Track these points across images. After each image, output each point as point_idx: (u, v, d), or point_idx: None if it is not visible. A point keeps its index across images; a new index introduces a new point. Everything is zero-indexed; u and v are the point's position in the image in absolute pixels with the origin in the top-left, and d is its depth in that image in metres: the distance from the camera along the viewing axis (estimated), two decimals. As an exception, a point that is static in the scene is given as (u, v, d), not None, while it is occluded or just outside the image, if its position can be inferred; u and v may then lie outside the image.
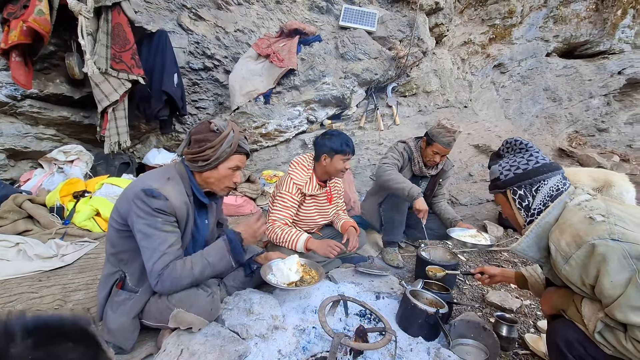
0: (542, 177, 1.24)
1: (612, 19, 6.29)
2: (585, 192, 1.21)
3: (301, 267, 1.84)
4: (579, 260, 1.04)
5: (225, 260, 1.50)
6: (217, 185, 1.57)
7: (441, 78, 4.92)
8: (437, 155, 2.62)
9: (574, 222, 1.09)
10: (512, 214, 1.34)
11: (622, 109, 7.37)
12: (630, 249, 0.95)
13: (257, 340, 1.57)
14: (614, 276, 0.96)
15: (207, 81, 4.10)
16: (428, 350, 1.59)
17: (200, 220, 1.66)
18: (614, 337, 1.03)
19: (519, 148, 1.33)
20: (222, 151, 1.47)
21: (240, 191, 3.51)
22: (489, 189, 1.46)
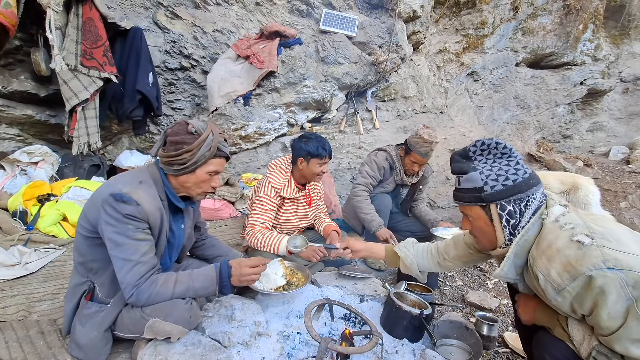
0: (532, 191, 1.08)
1: (574, 32, 6.71)
2: (556, 203, 1.09)
3: (287, 269, 1.80)
4: (573, 292, 0.95)
5: (211, 289, 1.44)
6: (194, 190, 1.49)
7: (419, 84, 5.04)
8: (415, 165, 2.67)
9: (560, 248, 0.98)
10: (489, 231, 1.15)
11: (583, 117, 7.86)
12: (626, 278, 0.87)
13: (239, 348, 1.51)
14: (611, 307, 0.89)
15: (184, 81, 3.98)
16: (413, 352, 1.59)
17: (176, 225, 1.57)
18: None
19: (500, 152, 1.12)
20: (200, 155, 1.39)
21: (219, 194, 3.41)
22: (460, 198, 1.19)
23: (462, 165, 1.18)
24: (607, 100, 8.03)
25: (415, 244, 1.67)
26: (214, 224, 3.29)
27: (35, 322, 1.67)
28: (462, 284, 2.51)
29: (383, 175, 2.81)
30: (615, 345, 0.92)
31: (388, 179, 2.82)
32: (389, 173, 2.80)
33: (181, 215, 1.62)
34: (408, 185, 2.90)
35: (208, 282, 1.42)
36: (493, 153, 1.13)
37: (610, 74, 7.77)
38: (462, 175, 1.17)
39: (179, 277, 1.40)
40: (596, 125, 7.92)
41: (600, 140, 7.75)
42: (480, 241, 1.24)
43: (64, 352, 1.47)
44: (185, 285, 1.39)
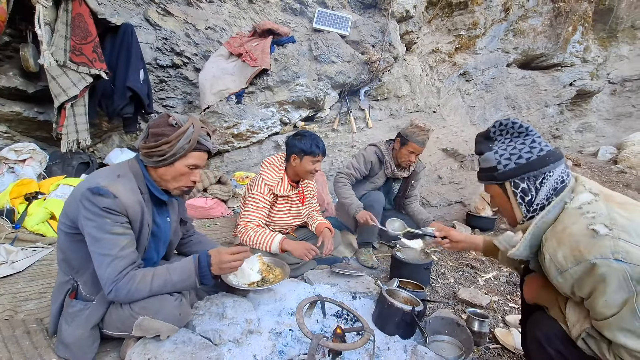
0: (547, 168, 1.08)
1: (564, 34, 6.81)
2: (586, 191, 1.06)
3: (264, 265, 1.77)
4: (575, 275, 0.96)
5: (191, 281, 1.40)
6: (172, 183, 1.46)
7: (411, 83, 5.06)
8: (413, 155, 2.69)
9: (574, 233, 0.97)
10: (509, 208, 1.17)
11: (573, 117, 7.98)
12: (632, 271, 0.87)
13: (230, 345, 1.50)
14: (610, 296, 0.90)
15: (176, 79, 3.94)
16: (405, 348, 1.60)
17: (161, 218, 1.56)
18: (597, 347, 1.00)
19: (517, 132, 1.14)
20: (179, 147, 1.37)
21: (211, 193, 3.39)
22: (479, 178, 1.25)
23: (481, 147, 1.22)
24: (596, 101, 8.17)
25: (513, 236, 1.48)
26: (205, 222, 3.26)
27: (21, 321, 1.63)
28: (454, 281, 2.53)
29: (371, 169, 2.82)
30: (605, 331, 0.94)
31: (377, 173, 2.83)
32: (378, 167, 2.83)
33: (166, 208, 1.60)
34: (400, 179, 2.92)
35: (186, 273, 1.39)
36: (510, 132, 1.15)
37: (599, 76, 7.90)
38: (480, 156, 1.22)
39: (157, 271, 1.37)
40: (585, 126, 8.04)
41: (589, 141, 7.87)
42: (505, 217, 1.26)
43: (50, 351, 1.44)
44: (163, 279, 1.35)
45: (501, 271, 2.73)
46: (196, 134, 1.41)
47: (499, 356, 1.73)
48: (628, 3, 8.14)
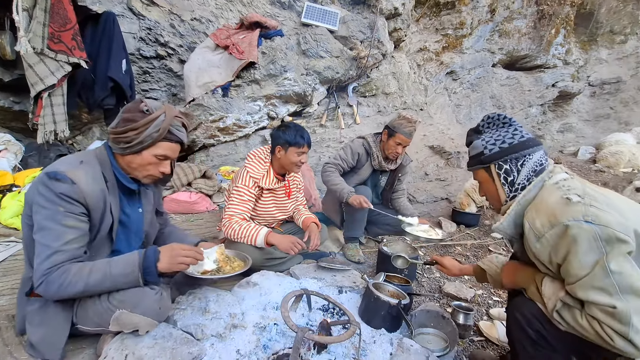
0: (527, 152, 1.20)
1: (547, 36, 6.96)
2: (562, 172, 1.19)
3: (222, 256, 1.66)
4: (550, 240, 1.04)
5: (133, 276, 1.27)
6: (139, 172, 1.40)
7: (399, 81, 5.08)
8: (400, 147, 2.68)
9: (550, 202, 1.08)
10: (494, 190, 1.28)
11: (554, 118, 8.18)
12: (601, 232, 0.95)
13: (213, 340, 1.46)
14: (582, 257, 0.97)
15: (160, 70, 3.84)
16: (391, 341, 1.59)
17: (131, 208, 1.49)
18: (570, 315, 1.04)
19: (502, 122, 1.29)
20: (147, 135, 1.31)
21: (196, 187, 3.32)
22: (468, 165, 1.38)
23: (470, 138, 1.36)
24: (577, 102, 8.40)
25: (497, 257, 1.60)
26: (190, 217, 3.19)
27: (-9, 318, 1.55)
28: (439, 276, 2.55)
29: (358, 161, 2.81)
30: (579, 292, 1.00)
31: (364, 165, 2.82)
32: (365, 158, 2.82)
33: (137, 198, 1.53)
34: (387, 171, 2.91)
35: (129, 267, 1.27)
36: (496, 124, 1.30)
37: (580, 78, 8.12)
38: (470, 146, 1.36)
39: (96, 264, 1.25)
40: (566, 126, 8.26)
41: (569, 141, 8.10)
42: (491, 202, 1.36)
43: (21, 349, 1.37)
44: (101, 273, 1.23)
45: (485, 266, 2.77)
46: (167, 123, 1.34)
47: (483, 348, 1.75)
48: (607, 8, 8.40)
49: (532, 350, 1.19)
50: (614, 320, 0.94)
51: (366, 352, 1.52)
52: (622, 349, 0.95)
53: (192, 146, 3.89)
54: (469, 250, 3.11)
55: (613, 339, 0.94)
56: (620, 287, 0.93)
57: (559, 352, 1.14)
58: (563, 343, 1.12)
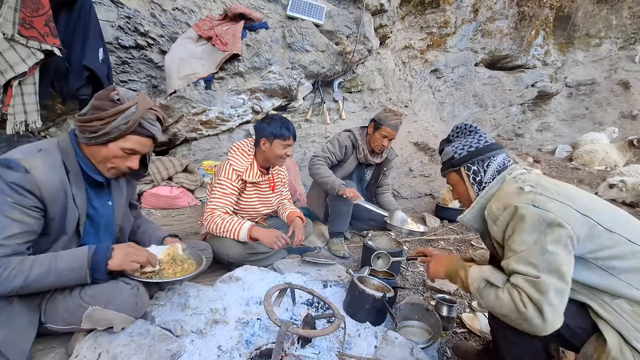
0: (492, 154, 1.35)
1: (527, 37, 7.14)
2: (521, 168, 1.33)
3: (168, 257, 1.51)
4: (504, 220, 1.16)
5: (81, 273, 1.19)
6: (102, 165, 1.32)
7: (385, 77, 5.09)
8: (386, 139, 2.68)
9: (506, 192, 1.22)
10: (465, 191, 1.40)
11: (534, 117, 8.41)
12: (545, 216, 1.07)
13: (193, 337, 1.41)
14: (525, 235, 1.08)
15: (139, 61, 3.70)
16: (375, 334, 1.58)
17: (99, 201, 1.41)
18: (492, 292, 1.14)
19: (468, 131, 1.44)
20: (113, 127, 1.23)
21: (177, 181, 3.22)
22: (441, 170, 1.52)
23: (442, 146, 1.51)
24: (554, 103, 8.67)
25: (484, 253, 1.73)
26: (171, 212, 3.10)
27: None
28: (423, 270, 2.56)
29: (344, 154, 2.79)
30: (512, 263, 1.11)
31: (349, 158, 2.80)
32: (351, 151, 2.80)
33: (107, 190, 1.46)
34: (372, 165, 2.90)
35: (76, 263, 1.19)
36: (464, 132, 1.46)
37: (557, 79, 8.38)
38: (442, 153, 1.50)
39: (40, 257, 1.17)
40: (544, 126, 8.52)
41: (547, 140, 8.35)
42: (463, 202, 1.47)
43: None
44: (46, 266, 1.15)
45: (468, 260, 2.81)
46: (138, 115, 1.26)
47: (466, 339, 1.76)
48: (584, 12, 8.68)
49: (512, 337, 1.23)
50: (534, 289, 1.03)
51: (351, 345, 1.50)
52: (531, 319, 1.02)
53: (174, 140, 3.78)
54: (451, 244, 3.15)
55: (527, 306, 1.03)
56: (549, 267, 1.04)
57: (536, 337, 1.17)
58: None
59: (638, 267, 1.08)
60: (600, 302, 1.11)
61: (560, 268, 1.03)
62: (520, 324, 1.08)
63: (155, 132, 1.35)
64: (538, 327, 1.03)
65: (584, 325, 1.14)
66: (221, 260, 2.02)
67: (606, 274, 1.09)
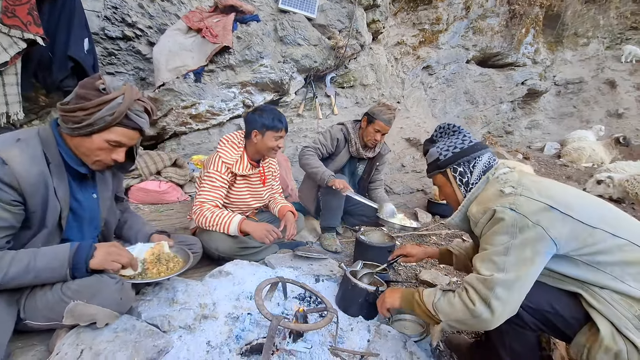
0: (477, 154, 1.33)
1: (518, 35, 7.20)
2: (505, 167, 1.31)
3: (152, 256, 1.45)
4: (484, 222, 1.18)
5: (61, 272, 1.15)
6: (87, 157, 1.26)
7: (377, 73, 5.07)
8: (378, 134, 2.64)
9: (488, 195, 1.23)
10: (452, 192, 1.38)
11: (523, 115, 8.51)
12: (520, 220, 1.09)
13: (181, 332, 1.37)
14: (498, 236, 1.12)
15: (127, 52, 3.61)
16: (368, 328, 1.56)
17: (83, 194, 1.36)
18: (446, 300, 1.20)
19: (452, 131, 1.42)
20: (98, 117, 1.18)
21: (165, 176, 3.15)
22: (427, 172, 1.49)
23: (427, 147, 1.47)
24: (543, 101, 8.79)
25: (463, 242, 1.80)
26: (159, 207, 3.03)
27: None
28: (415, 264, 2.56)
29: (336, 147, 2.75)
30: (477, 260, 1.17)
31: (341, 151, 2.76)
32: (343, 144, 2.76)
33: (91, 182, 1.40)
34: (365, 159, 2.86)
35: (56, 262, 1.14)
36: (447, 133, 1.43)
37: (547, 77, 8.49)
38: (426, 154, 1.47)
39: (20, 254, 1.12)
40: (533, 123, 8.63)
41: (536, 137, 8.46)
42: (451, 204, 1.44)
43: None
44: (24, 264, 1.10)
45: (460, 254, 2.81)
46: (125, 106, 1.21)
47: (458, 333, 1.75)
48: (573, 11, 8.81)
49: (503, 326, 1.21)
50: (483, 285, 1.10)
51: (343, 339, 1.48)
52: (480, 315, 1.09)
53: (163, 134, 3.69)
54: (443, 239, 3.16)
55: (475, 302, 1.10)
56: (507, 266, 1.09)
57: (529, 328, 1.19)
58: (534, 318, 1.17)
59: (624, 261, 1.09)
60: (591, 292, 1.11)
61: (519, 267, 1.08)
62: (473, 323, 1.14)
63: (142, 124, 1.30)
64: (487, 321, 1.10)
65: (577, 315, 1.14)
66: (211, 254, 1.97)
67: (592, 268, 1.10)
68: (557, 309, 1.15)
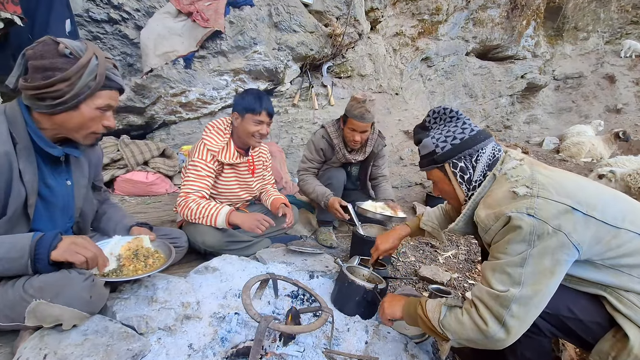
0: (480, 145, 1.14)
1: (518, 27, 7.07)
2: (512, 159, 1.13)
3: (128, 251, 1.32)
4: (496, 230, 1.03)
5: (21, 262, 1.02)
6: (78, 132, 1.15)
7: (375, 63, 4.93)
8: (356, 133, 2.33)
9: (497, 197, 1.05)
10: (451, 190, 1.21)
11: (522, 109, 8.42)
12: (538, 227, 0.94)
13: (160, 334, 1.24)
14: (514, 245, 0.97)
15: (113, 36, 3.43)
16: (366, 329, 1.44)
17: (56, 179, 1.23)
18: (453, 317, 1.07)
19: (449, 117, 1.20)
20: (83, 85, 1.07)
21: (153, 166, 3.00)
22: (420, 165, 1.29)
23: (419, 136, 1.26)
24: (542, 95, 8.70)
25: (433, 212, 1.67)
26: (146, 199, 2.89)
27: None
28: (415, 260, 2.45)
29: (324, 155, 2.55)
30: (488, 270, 1.03)
31: (331, 158, 2.55)
32: (330, 152, 2.54)
33: (65, 167, 1.27)
34: (354, 162, 2.61)
35: (16, 252, 1.01)
36: (443, 118, 1.22)
37: (546, 72, 8.39)
38: (419, 144, 1.26)
39: None
40: (532, 118, 8.54)
41: (535, 132, 8.39)
42: (450, 202, 1.29)
43: None
44: None
45: (460, 249, 2.71)
46: (103, 67, 1.10)
47: (462, 333, 1.64)
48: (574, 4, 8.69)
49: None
50: (496, 302, 0.97)
51: (339, 341, 1.36)
52: (494, 335, 0.97)
53: (151, 123, 3.53)
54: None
55: (487, 322, 0.98)
56: (523, 280, 0.96)
57: (544, 335, 1.08)
58: (549, 324, 1.06)
59: None
60: (617, 295, 0.99)
61: (537, 280, 0.95)
62: (485, 344, 1.02)
63: (121, 82, 1.21)
64: (501, 341, 0.98)
65: (599, 320, 1.03)
66: (197, 249, 1.84)
67: (616, 271, 0.99)
68: (577, 313, 1.04)
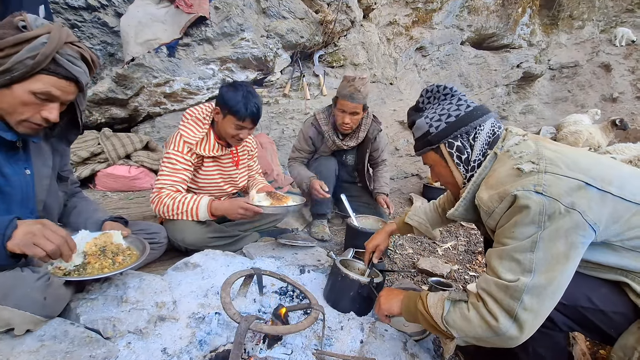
0: (477, 122, 1.05)
1: (514, 15, 6.94)
2: (514, 135, 1.04)
3: (94, 247, 1.21)
4: (500, 212, 0.93)
5: None
6: (10, 116, 1.00)
7: (369, 52, 4.78)
8: (346, 115, 2.23)
9: (500, 175, 0.96)
10: (448, 173, 1.12)
11: (518, 100, 8.32)
12: (548, 205, 0.84)
13: (130, 338, 1.11)
14: (522, 227, 0.87)
15: (92, 24, 3.25)
16: (361, 326, 1.32)
17: (12, 169, 1.09)
18: (459, 313, 0.97)
19: (443, 94, 1.11)
20: (17, 61, 0.93)
21: (136, 160, 2.85)
22: (415, 149, 1.20)
23: (413, 118, 1.18)
24: (538, 85, 8.59)
25: (422, 208, 1.57)
26: (129, 195, 2.74)
27: None
28: (412, 252, 2.33)
29: (313, 144, 2.49)
30: (494, 257, 0.93)
31: (321, 146, 2.48)
32: (319, 140, 2.46)
33: (23, 155, 1.13)
34: (348, 149, 2.51)
35: None
36: (437, 97, 1.13)
37: (541, 61, 8.29)
38: (413, 127, 1.18)
39: None
40: (528, 108, 8.44)
41: (531, 122, 8.29)
42: (448, 187, 1.20)
43: None
44: None
45: (459, 240, 2.59)
46: (50, 48, 0.95)
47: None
48: (569, -8, 8.57)
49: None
50: (506, 294, 0.87)
51: (332, 341, 1.24)
52: (506, 332, 0.87)
53: (135, 116, 3.37)
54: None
55: (498, 317, 0.88)
56: (535, 266, 0.86)
57: (559, 329, 0.98)
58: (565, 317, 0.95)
59: None
60: None
61: (551, 266, 0.85)
62: (495, 341, 0.91)
63: (76, 73, 1.03)
64: (514, 338, 0.88)
65: (622, 310, 0.91)
66: (178, 247, 1.70)
67: (637, 254, 0.88)
68: (597, 303, 0.92)
